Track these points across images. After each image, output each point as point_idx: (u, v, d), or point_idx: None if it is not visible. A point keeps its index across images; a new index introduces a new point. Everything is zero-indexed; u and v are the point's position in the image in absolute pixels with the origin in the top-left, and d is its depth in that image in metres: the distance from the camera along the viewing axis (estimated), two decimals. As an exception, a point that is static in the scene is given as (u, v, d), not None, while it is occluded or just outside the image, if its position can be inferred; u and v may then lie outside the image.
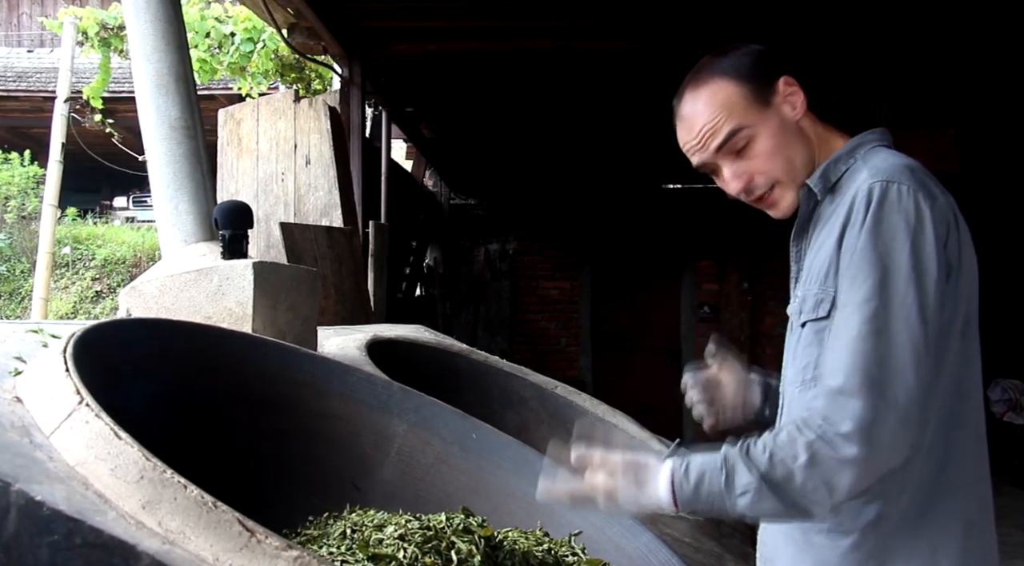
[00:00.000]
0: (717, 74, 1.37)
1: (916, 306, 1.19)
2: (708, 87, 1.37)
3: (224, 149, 4.85)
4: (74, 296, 10.71)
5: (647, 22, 5.01)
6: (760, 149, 1.36)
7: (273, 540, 1.21)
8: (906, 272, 1.19)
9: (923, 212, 1.21)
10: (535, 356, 8.69)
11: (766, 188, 1.37)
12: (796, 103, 1.37)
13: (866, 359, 1.18)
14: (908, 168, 1.27)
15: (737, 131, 1.35)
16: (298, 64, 7.07)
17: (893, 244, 1.20)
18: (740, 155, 1.36)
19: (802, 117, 1.38)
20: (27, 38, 13.73)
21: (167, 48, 2.74)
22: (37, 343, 1.78)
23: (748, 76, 1.36)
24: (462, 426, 2.17)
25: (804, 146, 1.38)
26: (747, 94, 1.35)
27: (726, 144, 1.35)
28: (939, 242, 1.21)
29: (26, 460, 1.24)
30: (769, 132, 1.35)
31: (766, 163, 1.36)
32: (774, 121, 1.36)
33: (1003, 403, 7.97)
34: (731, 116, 1.35)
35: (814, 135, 1.39)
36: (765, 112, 1.36)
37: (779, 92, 1.36)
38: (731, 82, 1.36)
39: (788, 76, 1.37)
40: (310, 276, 2.72)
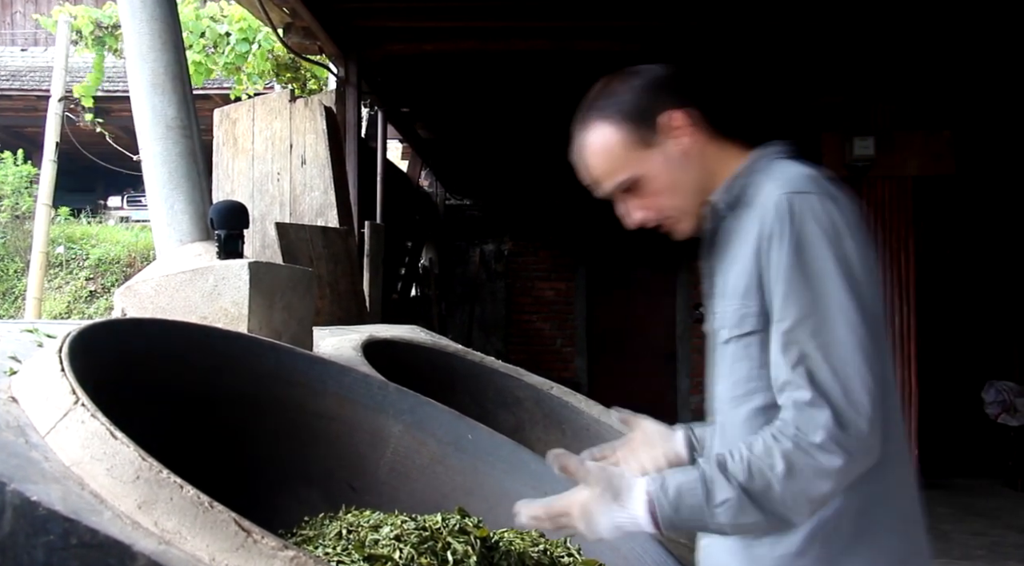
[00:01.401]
0: (601, 118, 1.38)
1: (854, 309, 1.21)
2: (593, 132, 1.39)
3: (220, 149, 4.85)
4: (68, 296, 10.69)
5: (643, 24, 5.02)
6: (651, 189, 1.38)
7: (269, 540, 1.21)
8: (837, 279, 1.21)
9: (836, 217, 1.24)
10: (530, 357, 8.70)
11: (663, 219, 1.41)
12: (682, 137, 1.37)
13: (823, 369, 1.19)
14: (811, 177, 1.29)
15: (624, 179, 1.38)
16: (294, 64, 7.06)
17: (818, 253, 1.22)
18: (633, 193, 1.39)
19: (692, 145, 1.38)
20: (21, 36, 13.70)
21: (163, 48, 2.73)
22: (32, 343, 1.77)
23: (631, 120, 1.37)
24: (457, 426, 2.17)
25: (698, 172, 1.39)
26: (631, 140, 1.37)
27: (616, 189, 1.39)
28: (858, 244, 1.24)
29: (22, 460, 1.24)
30: (657, 171, 1.37)
31: (658, 201, 1.39)
32: (660, 160, 1.37)
33: (997, 405, 7.98)
34: (616, 165, 1.37)
35: (710, 159, 1.40)
36: (649, 152, 1.37)
37: (664, 130, 1.37)
38: (614, 128, 1.37)
39: (677, 111, 1.37)
40: (306, 276, 2.71)
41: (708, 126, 1.41)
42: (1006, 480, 8.13)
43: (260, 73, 7.18)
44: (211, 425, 1.76)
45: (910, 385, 4.77)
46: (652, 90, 1.39)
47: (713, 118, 1.42)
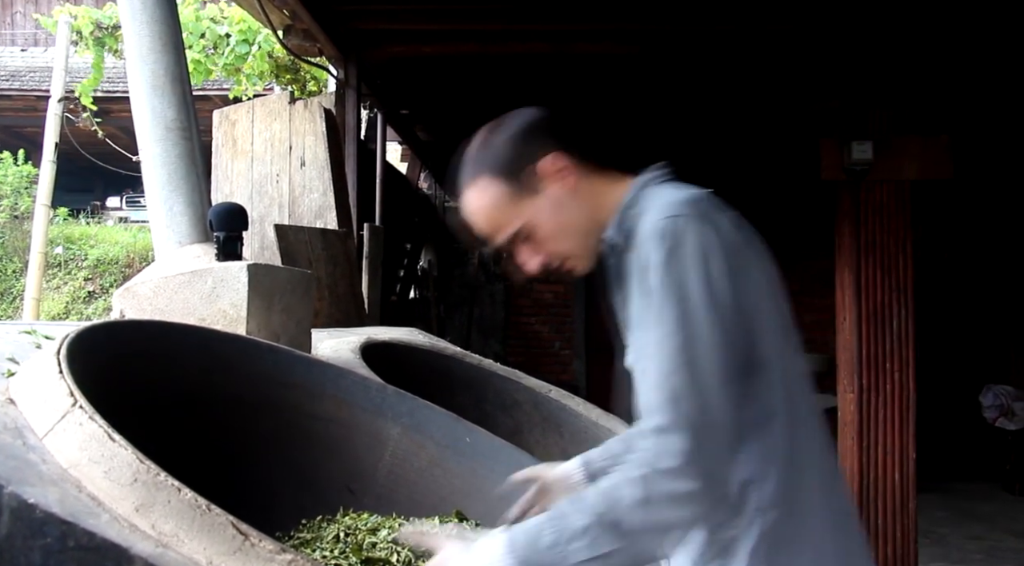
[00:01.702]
0: (481, 172, 1.39)
1: (716, 332, 1.20)
2: (475, 187, 1.40)
3: (219, 150, 4.84)
4: (66, 296, 10.68)
5: (642, 27, 5.02)
6: (543, 235, 1.39)
7: (267, 543, 1.21)
8: (701, 301, 1.21)
9: (709, 240, 1.23)
10: (529, 360, 8.70)
11: (559, 263, 1.41)
12: (565, 178, 1.38)
13: (677, 393, 1.19)
14: (688, 200, 1.28)
15: (514, 231, 1.38)
16: (293, 66, 7.06)
17: (685, 276, 1.21)
18: (526, 242, 1.40)
19: (575, 185, 1.39)
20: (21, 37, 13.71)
21: (163, 49, 2.73)
22: (30, 344, 1.77)
23: (511, 171, 1.37)
24: (456, 429, 2.17)
25: (586, 211, 1.39)
26: (512, 190, 1.37)
27: (508, 241, 1.40)
28: (729, 266, 1.23)
29: (19, 462, 1.24)
30: (545, 218, 1.38)
31: (552, 246, 1.39)
32: (545, 205, 1.38)
33: (994, 409, 7.99)
34: (504, 219, 1.38)
35: (594, 192, 1.40)
36: (535, 200, 1.38)
37: (544, 176, 1.37)
38: (494, 181, 1.38)
39: (555, 153, 1.38)
40: (304, 278, 2.71)
41: (585, 162, 1.41)
42: (1004, 484, 8.14)
43: (260, 74, 7.18)
44: (209, 427, 1.76)
45: (908, 389, 4.76)
46: (526, 137, 1.39)
47: (588, 153, 1.42)
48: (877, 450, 4.73)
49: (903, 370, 4.76)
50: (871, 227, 4.80)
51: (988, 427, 8.07)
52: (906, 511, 4.71)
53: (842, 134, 4.83)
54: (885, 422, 4.75)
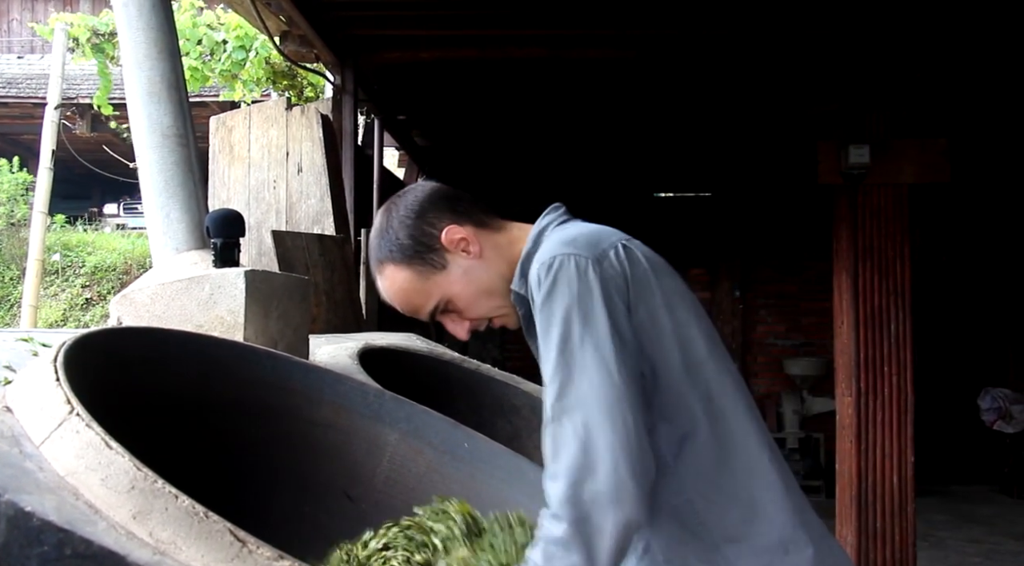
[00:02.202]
0: (386, 260, 1.41)
1: (595, 362, 1.18)
2: (384, 276, 1.42)
3: (216, 157, 4.84)
4: (64, 303, 10.67)
5: (638, 32, 5.03)
6: (461, 304, 1.40)
7: (265, 550, 1.20)
8: (578, 335, 1.20)
9: (587, 273, 1.22)
10: (526, 364, 8.65)
11: (491, 321, 1.43)
12: (468, 246, 1.39)
13: (563, 435, 1.18)
14: (568, 240, 1.29)
15: (434, 306, 1.40)
16: (290, 72, 7.07)
17: (562, 314, 1.21)
18: (448, 313, 1.41)
19: (481, 248, 1.40)
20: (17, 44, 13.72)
21: (159, 56, 2.73)
22: (27, 352, 1.77)
23: (412, 253, 1.39)
24: (454, 435, 2.16)
25: (497, 272, 1.40)
26: (420, 272, 1.39)
27: (431, 317, 1.42)
28: (610, 297, 1.22)
29: (16, 470, 1.23)
30: (459, 288, 1.39)
31: (472, 311, 1.41)
32: (457, 275, 1.39)
33: (993, 412, 8.00)
34: (421, 298, 1.40)
35: (501, 248, 1.42)
36: (445, 273, 1.39)
37: (448, 248, 1.39)
38: (400, 267, 1.39)
39: (451, 225, 1.39)
40: (302, 284, 2.71)
41: (485, 223, 1.43)
42: (1002, 487, 8.15)
43: (256, 81, 7.19)
44: (206, 434, 1.76)
45: (906, 392, 4.76)
46: (421, 215, 1.40)
47: (483, 213, 1.44)
48: (875, 453, 4.73)
49: (901, 373, 4.76)
50: (868, 231, 4.81)
51: (986, 430, 8.08)
52: (905, 514, 4.70)
53: (839, 138, 4.83)
54: (883, 425, 4.74)
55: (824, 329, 7.55)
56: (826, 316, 5.72)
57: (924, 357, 5.36)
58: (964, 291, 8.77)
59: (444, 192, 1.44)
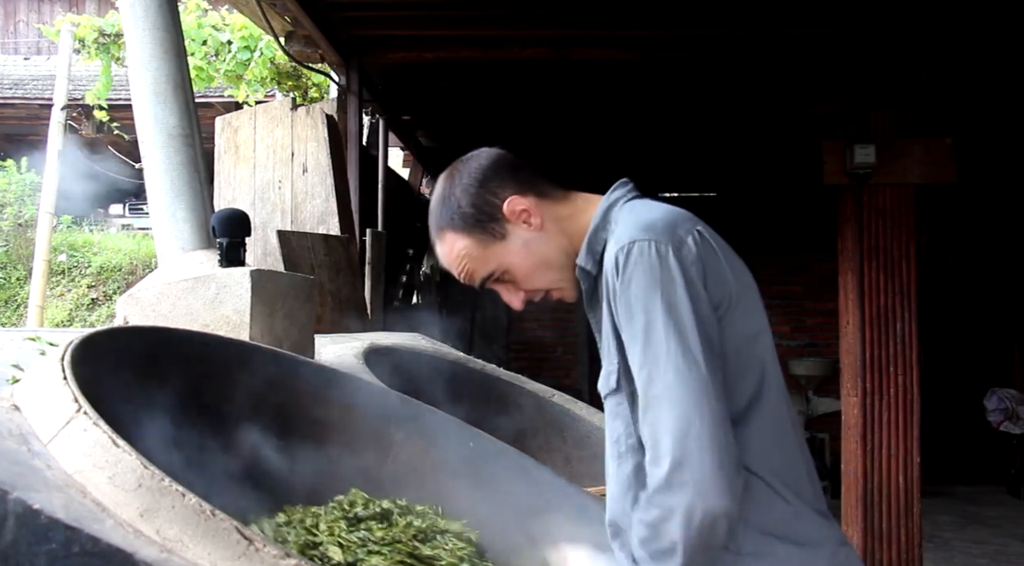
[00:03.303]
0: (446, 227, 1.41)
1: (680, 353, 1.20)
2: (444, 242, 1.42)
3: (221, 157, 4.85)
4: (70, 303, 10.69)
5: (642, 32, 5.03)
6: (518, 275, 1.40)
7: (271, 549, 1.20)
8: (663, 325, 1.21)
9: (668, 260, 1.23)
10: (531, 364, 8.70)
11: (546, 294, 1.43)
12: (529, 218, 1.39)
13: (654, 425, 1.20)
14: (646, 223, 1.28)
15: (488, 275, 1.40)
16: (295, 72, 7.08)
17: (645, 302, 1.22)
18: (504, 283, 1.42)
19: (543, 220, 1.39)
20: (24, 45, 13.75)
21: (165, 56, 2.74)
22: (35, 351, 1.78)
23: (473, 222, 1.39)
24: (459, 434, 2.17)
25: (557, 245, 1.40)
26: (480, 240, 1.39)
27: (485, 283, 1.42)
28: (691, 283, 1.23)
29: (24, 468, 1.24)
30: (518, 259, 1.39)
31: (529, 283, 1.41)
32: (516, 246, 1.39)
33: (999, 412, 7.98)
34: (476, 266, 1.40)
35: (564, 224, 1.41)
36: (505, 243, 1.39)
37: (509, 219, 1.38)
38: (461, 235, 1.40)
39: (514, 196, 1.38)
40: (307, 284, 2.72)
41: (548, 193, 1.42)
42: (1009, 488, 8.13)
43: (262, 81, 7.20)
44: (212, 433, 1.76)
45: (912, 393, 4.75)
46: (485, 183, 1.40)
47: (546, 183, 1.43)
48: (881, 454, 4.72)
49: (907, 374, 4.75)
50: (874, 231, 4.80)
51: (992, 431, 8.06)
52: (910, 515, 4.69)
53: (845, 137, 4.83)
54: (889, 426, 4.74)
55: (829, 329, 7.54)
56: (831, 316, 5.71)
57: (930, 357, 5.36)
58: (970, 291, 8.75)
59: (508, 160, 1.43)
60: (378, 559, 1.62)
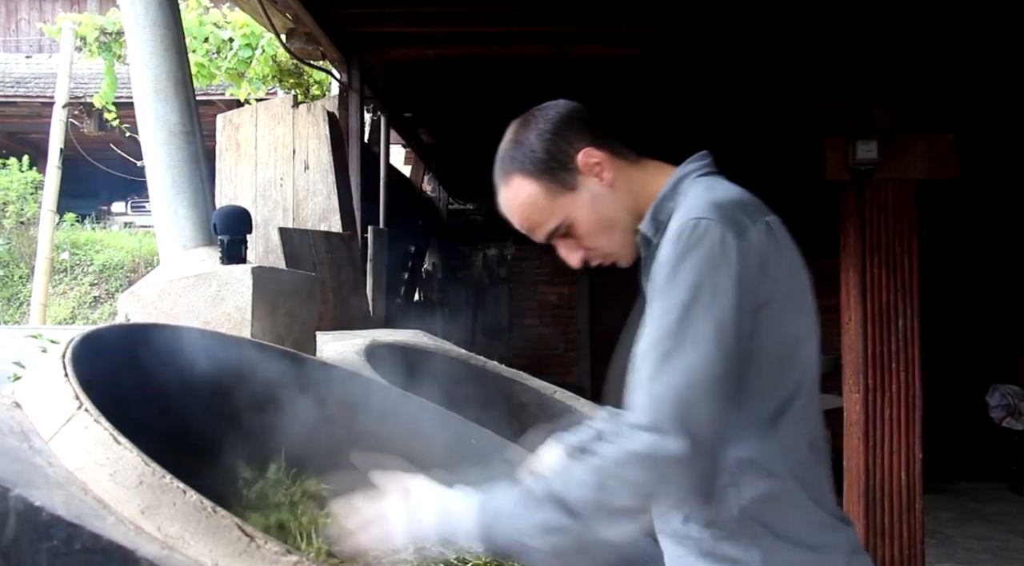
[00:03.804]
0: (516, 171, 1.37)
1: (714, 340, 1.19)
2: (511, 186, 1.38)
3: (223, 154, 4.85)
4: (72, 301, 10.71)
5: (644, 28, 5.02)
6: (584, 230, 1.38)
7: (272, 545, 1.21)
8: (704, 306, 1.20)
9: (728, 246, 1.21)
10: (533, 361, 8.69)
11: (603, 255, 1.41)
12: (602, 173, 1.36)
13: (662, 392, 1.19)
14: (717, 203, 1.26)
15: (554, 227, 1.37)
16: (297, 69, 7.07)
17: (693, 279, 1.21)
18: (566, 237, 1.39)
19: (614, 178, 1.37)
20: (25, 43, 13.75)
21: (165, 54, 2.74)
22: (36, 348, 1.78)
23: (548, 168, 1.35)
24: (461, 431, 2.17)
25: (624, 205, 1.38)
26: (549, 188, 1.36)
27: (548, 238, 1.39)
28: (745, 274, 1.22)
29: (25, 465, 1.24)
30: (584, 213, 1.36)
31: (592, 241, 1.39)
32: (584, 200, 1.36)
33: (1001, 408, 7.97)
34: (543, 216, 1.37)
35: (633, 186, 1.39)
36: (574, 195, 1.36)
37: (582, 170, 1.36)
38: (530, 180, 1.36)
39: (590, 148, 1.36)
40: (309, 281, 2.72)
41: (620, 155, 1.39)
42: (1011, 484, 8.12)
43: (263, 78, 7.19)
44: (214, 430, 1.76)
45: (914, 389, 4.75)
46: (561, 132, 1.37)
47: (624, 144, 1.41)
48: (883, 450, 4.72)
49: (909, 370, 4.75)
50: (876, 227, 4.79)
51: (995, 427, 8.05)
52: (912, 511, 4.69)
53: (847, 133, 4.82)
54: (891, 422, 4.74)
55: (831, 326, 7.51)
56: (833, 313, 5.70)
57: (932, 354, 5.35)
58: (972, 287, 8.74)
59: (585, 113, 1.40)
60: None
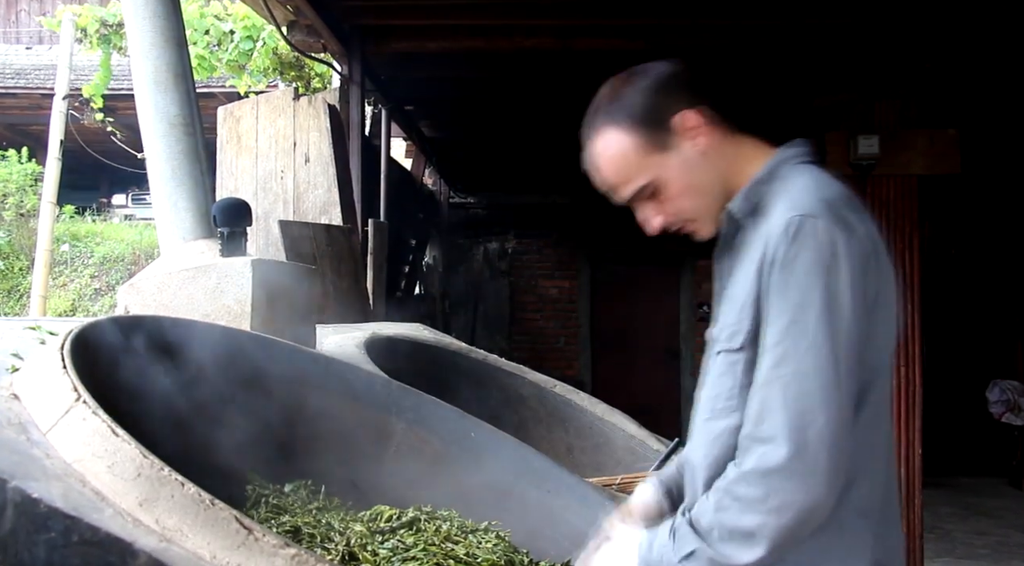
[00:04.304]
0: (613, 124, 1.34)
1: (827, 346, 1.17)
2: (604, 138, 1.35)
3: (223, 147, 4.85)
4: (73, 294, 10.70)
5: (647, 22, 5.01)
6: (670, 193, 1.35)
7: (271, 538, 1.20)
8: (818, 311, 1.17)
9: (838, 248, 1.19)
10: (534, 355, 8.70)
11: (683, 223, 1.38)
12: (698, 137, 1.33)
13: (773, 403, 1.17)
14: (826, 201, 1.24)
15: (640, 187, 1.34)
16: (297, 62, 7.06)
17: (806, 282, 1.18)
18: (651, 199, 1.36)
19: (709, 144, 1.34)
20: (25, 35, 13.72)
21: (165, 45, 2.73)
22: (34, 340, 1.77)
23: (644, 124, 1.32)
24: (460, 424, 2.16)
25: (717, 172, 1.35)
26: (644, 145, 1.33)
27: (633, 197, 1.36)
28: (856, 277, 1.20)
29: (23, 457, 1.24)
30: (675, 175, 1.33)
31: (677, 204, 1.36)
32: (677, 162, 1.33)
33: (1001, 404, 7.97)
34: (633, 172, 1.34)
35: (727, 158, 1.35)
36: (666, 156, 1.33)
37: (678, 132, 1.33)
38: (626, 134, 1.33)
39: (690, 110, 1.33)
40: (309, 274, 2.71)
41: (722, 123, 1.36)
42: (1010, 479, 8.13)
43: (264, 71, 7.18)
44: (212, 422, 1.76)
45: (914, 384, 4.75)
46: (662, 90, 1.34)
47: (726, 114, 1.37)
48: (883, 445, 4.72)
49: (909, 365, 4.74)
50: (877, 222, 4.78)
51: (994, 422, 8.05)
52: (912, 506, 4.70)
53: (848, 128, 4.81)
54: (891, 417, 4.73)
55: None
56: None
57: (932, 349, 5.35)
58: (973, 283, 8.74)
59: (688, 77, 1.37)
60: (414, 564, 1.61)
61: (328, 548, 1.59)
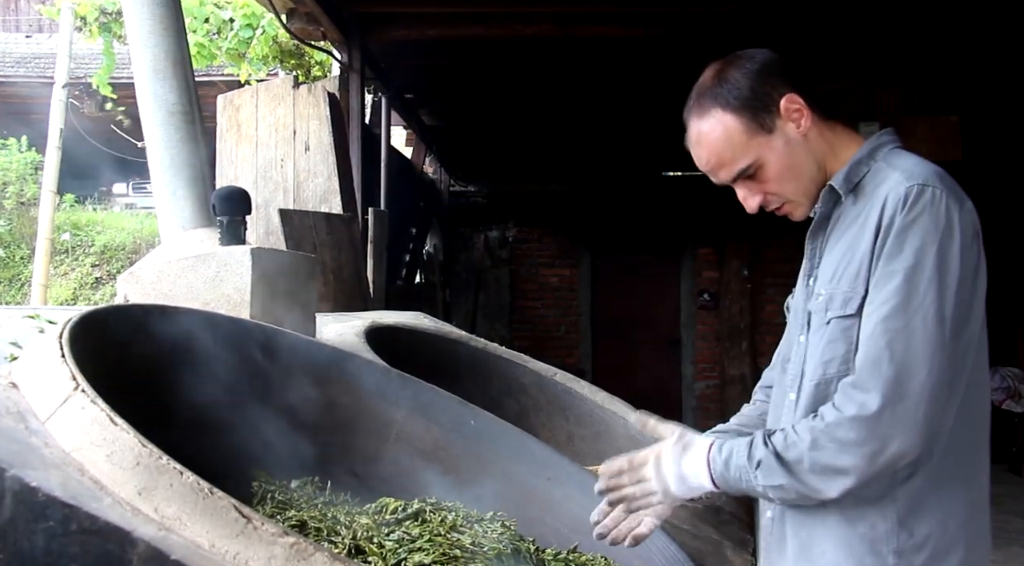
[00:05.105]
0: (717, 105, 1.39)
1: (935, 306, 1.24)
2: (708, 119, 1.39)
3: (223, 135, 4.84)
4: (74, 282, 10.70)
5: (646, 8, 4.99)
6: (769, 174, 1.40)
7: (269, 526, 1.20)
8: (929, 273, 1.24)
9: (953, 216, 1.27)
10: (534, 343, 8.69)
11: (780, 204, 1.43)
12: (800, 120, 1.39)
13: (880, 355, 1.24)
14: (938, 173, 1.32)
15: (742, 168, 1.39)
16: (297, 50, 7.04)
17: (921, 246, 1.25)
18: (751, 179, 1.41)
19: (810, 128, 1.40)
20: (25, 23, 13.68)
21: (164, 33, 2.72)
22: (33, 328, 1.78)
23: (750, 106, 1.38)
24: (461, 412, 2.17)
25: (813, 157, 1.41)
26: (748, 126, 1.38)
27: (734, 178, 1.41)
28: (966, 246, 1.27)
29: (22, 446, 1.24)
30: (775, 157, 1.39)
31: (777, 186, 1.41)
32: (779, 144, 1.39)
33: (1001, 391, 7.98)
34: (735, 153, 1.39)
35: (824, 142, 1.42)
36: (769, 138, 1.38)
37: (782, 114, 1.38)
38: (731, 115, 1.38)
39: (792, 93, 1.38)
40: (309, 262, 2.71)
41: (817, 106, 1.42)
42: (1010, 466, 8.14)
43: (264, 59, 7.16)
44: (211, 411, 1.76)
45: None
46: (768, 74, 1.40)
47: (817, 101, 1.43)
48: (884, 433, 4.72)
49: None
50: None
51: (995, 409, 8.06)
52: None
53: (849, 115, 4.79)
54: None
55: (833, 309, 7.51)
56: (835, 295, 5.69)
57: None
58: (974, 270, 8.72)
59: (787, 64, 1.44)
60: (420, 556, 1.62)
61: (335, 541, 1.59)
